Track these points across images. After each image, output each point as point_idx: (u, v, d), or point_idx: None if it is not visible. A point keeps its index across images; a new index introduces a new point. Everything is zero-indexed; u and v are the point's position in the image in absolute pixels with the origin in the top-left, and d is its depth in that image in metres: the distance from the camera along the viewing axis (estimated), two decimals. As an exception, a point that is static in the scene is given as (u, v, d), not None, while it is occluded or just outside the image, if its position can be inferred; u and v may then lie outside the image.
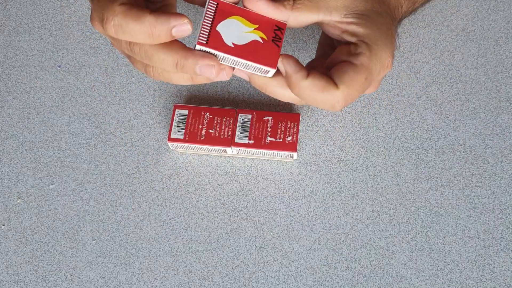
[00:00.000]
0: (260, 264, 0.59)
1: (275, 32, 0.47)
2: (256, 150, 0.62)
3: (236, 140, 0.62)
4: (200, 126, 0.63)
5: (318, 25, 0.49)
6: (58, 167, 0.65)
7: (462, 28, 0.68)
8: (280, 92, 0.48)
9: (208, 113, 0.64)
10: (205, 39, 0.45)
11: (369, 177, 0.62)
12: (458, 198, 0.61)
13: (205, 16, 0.45)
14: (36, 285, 0.60)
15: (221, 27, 0.45)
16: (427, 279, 0.58)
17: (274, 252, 0.60)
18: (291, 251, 0.60)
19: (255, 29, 0.46)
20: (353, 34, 0.47)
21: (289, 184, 0.63)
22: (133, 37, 0.42)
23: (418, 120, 0.64)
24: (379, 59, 0.46)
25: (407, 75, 0.66)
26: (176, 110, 0.64)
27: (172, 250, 0.60)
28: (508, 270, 0.58)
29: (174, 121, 0.63)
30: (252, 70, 0.47)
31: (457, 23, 0.69)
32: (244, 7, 0.46)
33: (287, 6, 0.46)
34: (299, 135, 0.64)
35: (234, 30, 0.45)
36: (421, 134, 0.64)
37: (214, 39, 0.45)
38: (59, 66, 0.70)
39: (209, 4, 0.45)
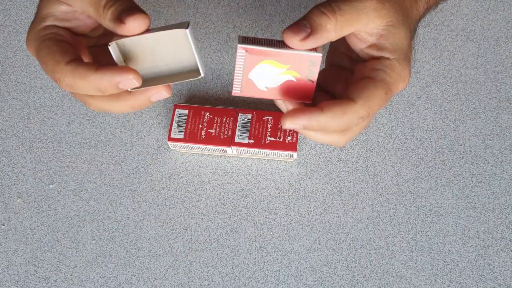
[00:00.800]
0: (260, 263, 0.59)
1: (310, 68, 0.45)
2: (256, 150, 0.62)
3: (236, 140, 0.62)
4: (200, 126, 0.63)
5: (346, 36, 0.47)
6: (58, 167, 0.65)
7: (462, 28, 0.68)
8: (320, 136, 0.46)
9: (208, 113, 0.64)
10: (239, 88, 0.46)
11: (369, 176, 0.62)
12: (458, 197, 0.61)
13: (236, 65, 0.45)
14: (36, 284, 0.60)
15: (253, 75, 0.45)
16: (427, 279, 0.58)
17: (274, 251, 0.60)
18: (291, 251, 0.60)
19: (287, 69, 0.45)
20: (379, 48, 0.45)
21: (289, 183, 0.63)
22: (85, 92, 0.44)
23: (418, 120, 0.64)
24: (399, 74, 0.45)
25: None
26: (176, 109, 0.64)
27: (172, 249, 0.60)
28: (508, 269, 0.58)
29: (174, 120, 0.63)
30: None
31: (457, 23, 0.69)
32: (285, 46, 0.44)
33: (331, 28, 0.43)
34: (299, 135, 0.64)
35: (266, 75, 0.45)
36: (421, 134, 0.64)
37: (247, 87, 0.46)
38: (59, 66, 0.70)
39: (238, 53, 0.44)
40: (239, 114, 0.63)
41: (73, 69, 0.43)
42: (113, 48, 0.45)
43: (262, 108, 0.66)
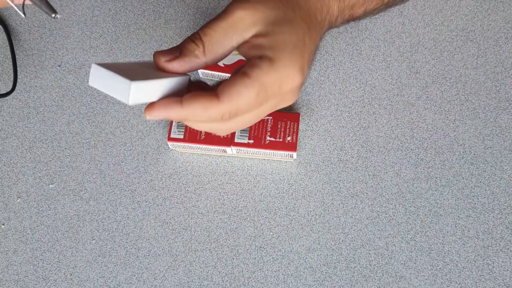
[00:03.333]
0: (259, 263, 0.59)
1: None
2: (256, 150, 0.62)
3: (236, 140, 0.62)
4: (200, 126, 0.63)
5: None
6: (58, 167, 0.65)
7: (462, 28, 0.68)
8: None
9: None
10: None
11: (368, 177, 0.62)
12: (458, 198, 0.61)
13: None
14: (36, 284, 0.60)
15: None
16: (426, 279, 0.58)
17: (274, 251, 0.60)
18: (291, 251, 0.60)
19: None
20: (258, 47, 0.44)
21: (288, 183, 0.63)
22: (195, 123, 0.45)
23: (417, 120, 0.64)
24: (279, 72, 0.43)
25: (407, 75, 0.66)
26: (176, 109, 0.64)
27: (171, 249, 0.60)
28: (507, 270, 0.58)
29: (173, 120, 0.63)
30: None
31: (457, 23, 0.69)
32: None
33: (199, 54, 0.44)
34: (299, 135, 0.64)
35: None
36: (421, 134, 0.64)
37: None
38: (59, 66, 0.70)
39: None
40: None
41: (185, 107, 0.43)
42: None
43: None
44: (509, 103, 0.65)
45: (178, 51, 0.44)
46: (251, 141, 0.62)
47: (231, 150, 0.62)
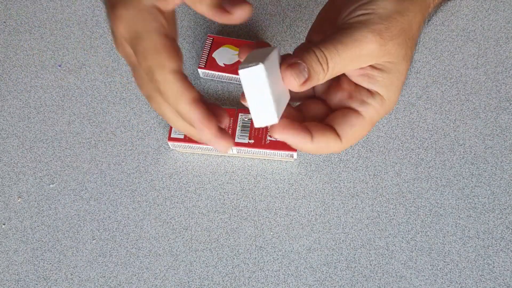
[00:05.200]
0: (260, 263, 0.59)
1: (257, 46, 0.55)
2: (256, 150, 0.62)
3: (237, 140, 0.62)
4: (201, 126, 0.63)
5: None
6: (59, 167, 0.65)
7: (462, 28, 0.68)
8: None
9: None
10: (204, 64, 0.67)
11: (369, 176, 0.62)
12: (458, 198, 0.61)
13: (204, 47, 0.67)
14: (36, 284, 0.60)
15: (215, 54, 0.67)
16: (426, 279, 0.58)
17: (274, 251, 0.60)
18: (291, 251, 0.60)
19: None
20: (372, 79, 0.44)
21: (289, 183, 0.63)
22: (169, 104, 0.42)
23: (418, 120, 0.64)
24: (386, 110, 0.45)
25: (407, 75, 0.66)
26: (177, 109, 0.64)
27: (172, 249, 0.60)
28: (508, 270, 0.58)
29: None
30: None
31: (457, 23, 0.69)
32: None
33: (320, 79, 0.43)
34: (299, 135, 0.64)
35: (225, 55, 0.49)
36: (421, 134, 0.64)
37: (210, 63, 0.67)
38: (60, 65, 0.70)
39: (207, 39, 0.68)
40: (239, 114, 0.63)
41: (175, 82, 0.41)
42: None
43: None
44: (510, 103, 0.65)
45: (306, 71, 0.43)
46: (252, 141, 0.62)
47: (231, 150, 0.62)
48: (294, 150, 0.61)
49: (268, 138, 0.62)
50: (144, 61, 0.41)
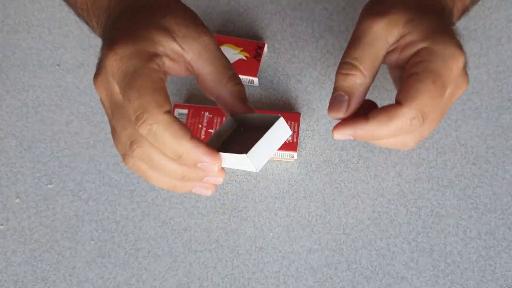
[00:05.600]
0: (260, 264, 0.59)
1: (257, 51, 0.66)
2: (256, 150, 0.61)
3: (236, 140, 0.61)
4: (200, 126, 0.62)
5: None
6: (57, 167, 0.64)
7: (464, 27, 0.68)
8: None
9: (207, 113, 0.63)
10: None
11: (370, 177, 0.62)
12: (460, 198, 0.61)
13: None
14: (34, 285, 0.59)
15: None
16: (428, 280, 0.57)
17: (274, 252, 0.59)
18: (291, 252, 0.59)
19: (240, 51, 0.66)
20: (407, 46, 0.44)
21: (289, 184, 0.62)
22: (161, 147, 0.41)
23: (419, 120, 0.64)
24: (441, 56, 0.43)
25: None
26: (176, 109, 0.64)
27: (171, 250, 0.60)
28: (510, 271, 0.57)
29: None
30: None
31: (459, 22, 0.68)
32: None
33: (360, 82, 0.45)
34: (300, 135, 0.64)
35: (225, 54, 0.49)
36: (422, 134, 0.63)
37: None
38: (58, 65, 0.70)
39: None
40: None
41: (169, 123, 0.40)
42: (230, 121, 0.47)
43: (262, 108, 0.65)
44: (511, 103, 0.64)
45: (343, 95, 0.44)
46: (252, 141, 0.61)
47: (231, 150, 0.62)
48: (295, 150, 0.61)
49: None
50: (138, 98, 0.40)
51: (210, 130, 0.62)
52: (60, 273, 0.60)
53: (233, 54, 0.66)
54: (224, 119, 0.63)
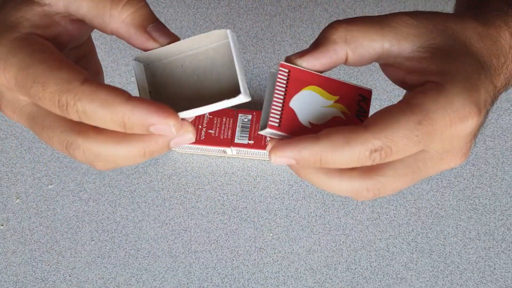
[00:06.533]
0: (259, 265, 0.59)
1: (359, 104, 0.36)
2: (256, 151, 0.61)
3: (236, 141, 0.61)
4: (200, 126, 0.63)
5: (380, 61, 0.37)
6: (57, 167, 0.64)
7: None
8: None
9: (207, 113, 0.63)
10: (278, 121, 0.35)
11: (369, 178, 0.62)
12: (459, 199, 0.61)
13: (276, 88, 0.35)
14: (34, 285, 0.59)
15: (295, 103, 0.35)
16: (427, 281, 0.57)
17: (274, 253, 0.59)
18: (291, 252, 0.59)
19: (335, 101, 0.36)
20: (422, 72, 0.34)
21: (289, 185, 0.62)
22: (101, 124, 0.33)
23: (418, 121, 0.64)
24: (450, 104, 0.32)
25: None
26: (176, 110, 0.64)
27: (171, 250, 0.60)
28: (509, 271, 0.58)
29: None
30: None
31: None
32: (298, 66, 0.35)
33: (338, 40, 0.34)
34: (299, 136, 0.64)
35: (311, 105, 0.35)
36: (422, 135, 0.63)
37: (287, 120, 0.35)
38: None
39: (280, 72, 0.35)
40: (239, 115, 0.63)
41: (92, 92, 0.32)
42: (137, 66, 0.35)
43: (262, 108, 0.65)
44: (511, 104, 0.64)
45: (314, 45, 0.35)
46: (251, 142, 0.61)
47: (231, 151, 0.62)
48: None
49: (268, 139, 0.61)
50: (43, 89, 0.32)
51: (210, 131, 0.62)
52: (60, 273, 0.60)
53: (322, 107, 0.36)
54: (225, 119, 0.63)
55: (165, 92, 0.36)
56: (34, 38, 0.34)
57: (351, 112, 0.35)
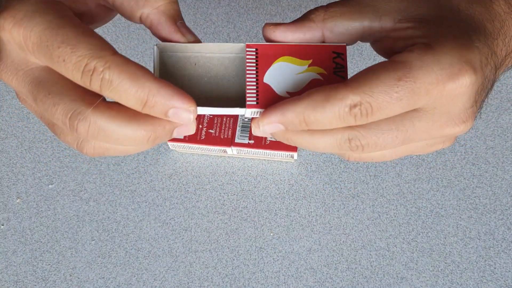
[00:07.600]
0: (260, 264, 0.59)
1: (335, 61, 0.36)
2: (256, 150, 0.61)
3: (236, 140, 0.62)
4: (200, 126, 0.63)
5: (366, 40, 0.36)
6: (58, 167, 0.64)
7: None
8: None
9: (208, 114, 0.63)
10: (255, 99, 0.35)
11: (369, 177, 0.62)
12: (459, 198, 0.61)
13: (247, 68, 0.35)
14: (35, 285, 0.59)
15: (269, 77, 0.35)
16: (427, 280, 0.57)
17: (274, 252, 0.59)
18: (291, 252, 0.59)
19: (309, 65, 0.36)
20: (406, 38, 0.33)
21: (289, 184, 0.62)
22: (121, 97, 0.32)
23: (419, 121, 0.64)
24: (436, 62, 0.30)
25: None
26: (176, 110, 0.64)
27: (171, 250, 0.60)
28: (509, 271, 0.58)
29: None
30: None
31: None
32: (268, 40, 0.36)
33: (315, 19, 0.35)
34: (300, 135, 0.64)
35: (286, 75, 0.35)
36: (422, 134, 0.63)
37: (264, 96, 0.35)
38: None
39: (248, 53, 0.35)
40: (239, 115, 0.63)
41: (123, 63, 0.31)
42: (157, 52, 0.36)
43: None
44: (511, 103, 0.64)
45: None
46: (252, 142, 0.61)
47: (231, 151, 0.62)
48: (295, 150, 0.61)
49: (269, 138, 0.61)
50: (72, 51, 0.31)
51: (210, 131, 0.62)
52: (60, 273, 0.60)
53: (296, 74, 0.36)
54: (225, 119, 0.63)
55: (172, 82, 0.36)
56: (62, 5, 0.33)
57: (328, 71, 0.35)
